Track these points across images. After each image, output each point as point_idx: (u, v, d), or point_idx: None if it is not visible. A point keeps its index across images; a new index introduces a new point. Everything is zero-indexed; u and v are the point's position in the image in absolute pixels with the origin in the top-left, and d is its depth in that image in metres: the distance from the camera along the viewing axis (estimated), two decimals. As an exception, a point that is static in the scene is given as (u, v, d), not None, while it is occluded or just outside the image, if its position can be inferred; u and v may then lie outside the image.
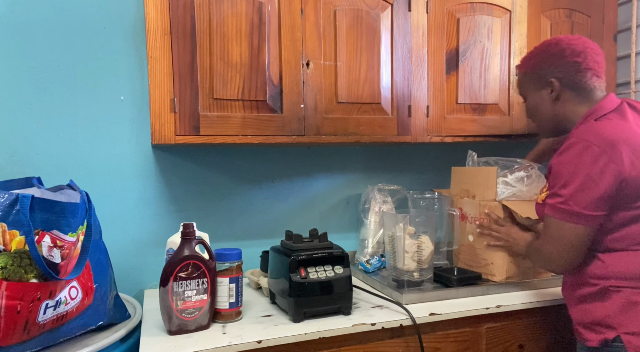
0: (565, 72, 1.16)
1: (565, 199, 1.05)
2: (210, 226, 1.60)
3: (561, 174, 1.06)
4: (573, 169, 1.04)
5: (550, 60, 1.18)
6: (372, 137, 1.48)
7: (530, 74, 1.23)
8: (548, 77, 1.18)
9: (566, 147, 1.07)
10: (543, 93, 1.21)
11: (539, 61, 1.21)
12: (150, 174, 1.53)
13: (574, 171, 1.04)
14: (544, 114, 1.23)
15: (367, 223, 1.66)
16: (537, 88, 1.22)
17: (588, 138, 1.04)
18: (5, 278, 0.91)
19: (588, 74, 1.15)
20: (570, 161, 1.05)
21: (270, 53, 1.36)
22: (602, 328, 1.07)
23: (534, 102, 1.24)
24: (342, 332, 1.14)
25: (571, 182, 1.04)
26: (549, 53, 1.19)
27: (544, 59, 1.19)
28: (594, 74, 1.15)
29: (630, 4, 1.90)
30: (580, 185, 1.03)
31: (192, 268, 1.12)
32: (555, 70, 1.17)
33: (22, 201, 0.95)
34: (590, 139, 1.03)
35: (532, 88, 1.24)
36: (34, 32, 1.40)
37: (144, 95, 1.51)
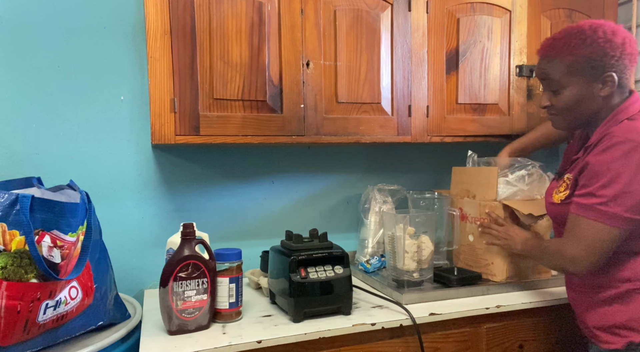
0: (624, 66, 1.05)
1: (606, 200, 0.99)
2: (210, 226, 1.60)
3: (603, 173, 1.00)
4: (619, 169, 0.98)
5: (612, 50, 1.04)
6: (372, 137, 1.48)
7: (581, 63, 1.06)
8: (607, 70, 1.05)
9: (609, 146, 1.00)
10: (593, 86, 1.07)
11: (597, 51, 1.04)
12: (150, 174, 1.53)
13: (619, 172, 0.98)
14: (585, 108, 1.10)
15: (367, 223, 1.66)
16: (587, 80, 1.07)
17: (633, 137, 0.98)
18: (5, 278, 0.91)
19: (633, 68, 1.07)
20: (615, 161, 0.99)
21: (270, 53, 1.36)
22: (626, 331, 1.04)
23: (577, 94, 1.09)
24: (342, 332, 1.14)
25: (615, 182, 0.98)
26: (612, 43, 1.04)
27: (606, 49, 1.04)
28: (635, 67, 1.08)
29: (630, 4, 1.90)
30: (626, 186, 0.97)
31: (192, 268, 1.12)
32: (616, 63, 1.04)
33: (22, 201, 0.95)
34: (635, 139, 0.98)
35: (581, 79, 1.07)
36: (34, 32, 1.40)
37: (144, 95, 1.51)
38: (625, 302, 1.05)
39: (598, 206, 1.01)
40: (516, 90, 1.65)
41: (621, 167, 0.98)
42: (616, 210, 0.99)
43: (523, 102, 1.66)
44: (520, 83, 1.65)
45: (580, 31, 1.07)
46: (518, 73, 1.64)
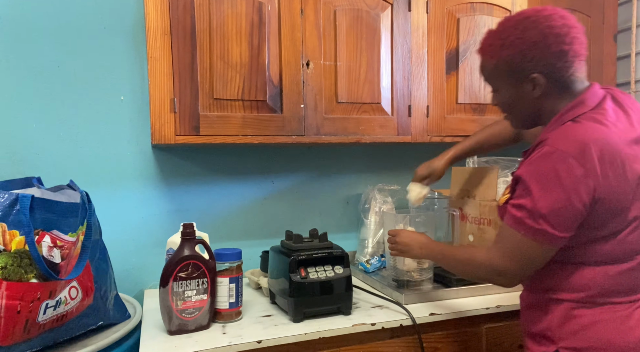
0: (551, 64, 0.94)
1: (534, 216, 0.90)
2: (210, 226, 1.60)
3: (532, 187, 0.90)
4: (546, 183, 0.89)
5: (531, 51, 0.94)
6: (372, 137, 1.48)
7: (503, 67, 0.98)
8: (530, 73, 0.95)
9: (539, 157, 0.91)
10: (523, 88, 0.98)
11: (516, 53, 0.95)
12: (150, 174, 1.53)
13: (546, 186, 0.89)
14: (523, 110, 1.02)
15: (367, 223, 1.66)
16: (513, 83, 0.99)
17: (564, 148, 0.89)
18: (5, 278, 0.91)
19: (575, 63, 0.94)
20: (543, 174, 0.90)
21: (270, 53, 1.36)
22: (543, 339, 1.00)
23: (509, 97, 1.02)
24: (342, 332, 1.14)
25: (543, 198, 0.89)
26: (529, 42, 0.94)
27: (524, 50, 0.94)
28: (580, 60, 0.95)
29: (630, 4, 1.90)
30: (555, 202, 0.88)
31: (192, 268, 1.12)
32: (538, 64, 0.94)
33: (22, 201, 0.95)
34: (566, 150, 0.88)
35: (507, 82, 1.00)
36: (34, 32, 1.40)
37: (144, 95, 1.51)
38: (545, 310, 0.99)
39: (527, 220, 0.91)
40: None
41: (548, 181, 0.89)
42: (545, 227, 0.90)
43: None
44: (520, 83, 1.65)
45: (504, 29, 0.98)
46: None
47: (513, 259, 0.96)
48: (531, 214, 0.91)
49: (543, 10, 0.96)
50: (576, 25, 0.95)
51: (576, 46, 0.94)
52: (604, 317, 0.93)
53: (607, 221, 0.91)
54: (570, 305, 0.96)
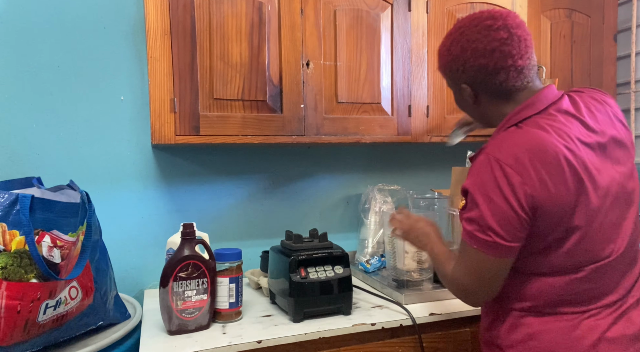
0: (473, 77, 0.97)
1: (483, 228, 0.89)
2: (210, 226, 1.60)
3: (476, 198, 0.89)
4: (488, 193, 0.88)
5: (454, 64, 0.98)
6: (372, 137, 1.48)
7: (444, 74, 1.04)
8: (458, 82, 1.00)
9: (476, 166, 0.92)
10: (463, 95, 1.02)
11: (445, 63, 1.01)
12: (150, 174, 1.53)
13: (489, 196, 0.88)
14: (471, 114, 1.08)
15: (367, 223, 1.66)
16: (455, 89, 1.04)
17: (499, 156, 0.88)
18: (5, 278, 0.91)
19: (501, 75, 0.94)
20: (484, 184, 0.89)
21: (270, 53, 1.36)
22: (493, 347, 1.00)
23: (457, 101, 1.08)
24: (342, 332, 1.14)
25: (488, 208, 0.88)
26: (453, 54, 0.98)
27: (449, 62, 0.99)
28: (509, 71, 0.94)
29: (630, 4, 1.90)
30: (499, 212, 0.87)
31: (192, 268, 1.12)
32: (462, 76, 0.98)
33: (22, 201, 0.95)
34: (501, 158, 0.87)
35: (453, 88, 1.05)
36: (34, 32, 1.40)
37: (144, 95, 1.51)
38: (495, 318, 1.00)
39: (478, 234, 0.89)
40: None
41: (492, 192, 0.88)
42: (495, 239, 0.88)
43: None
44: (520, 83, 1.65)
45: (444, 38, 1.02)
46: None
47: (473, 275, 0.93)
48: (480, 227, 0.89)
49: (475, 20, 0.96)
50: (506, 36, 0.93)
51: (498, 58, 0.93)
52: (550, 327, 0.92)
53: (550, 229, 0.89)
54: (519, 314, 0.95)
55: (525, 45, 0.95)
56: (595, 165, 0.90)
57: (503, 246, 0.88)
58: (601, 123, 0.95)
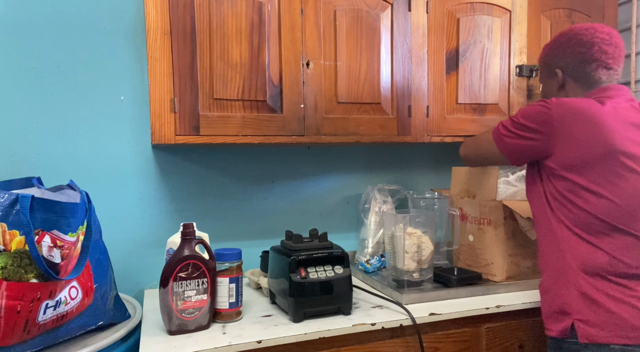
0: (569, 62, 1.18)
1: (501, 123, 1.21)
2: (210, 226, 1.60)
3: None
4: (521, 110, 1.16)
5: (557, 50, 1.21)
6: (372, 137, 1.48)
7: (542, 64, 1.27)
8: (554, 67, 1.22)
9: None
10: (551, 83, 1.24)
11: (548, 51, 1.24)
12: (150, 174, 1.53)
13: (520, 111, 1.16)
14: None
15: (367, 223, 1.66)
16: (547, 77, 1.25)
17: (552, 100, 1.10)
18: (5, 278, 0.91)
19: (593, 65, 1.15)
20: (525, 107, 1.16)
21: (270, 53, 1.36)
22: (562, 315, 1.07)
23: (544, 91, 1.28)
24: (342, 332, 1.14)
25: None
26: (558, 43, 1.21)
27: (553, 49, 1.22)
28: (599, 65, 1.15)
29: (630, 4, 1.90)
30: (515, 116, 1.16)
31: (192, 268, 1.12)
32: (560, 61, 1.20)
33: (22, 201, 0.95)
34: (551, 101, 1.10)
35: (544, 77, 1.27)
36: (34, 32, 1.40)
37: (144, 95, 1.51)
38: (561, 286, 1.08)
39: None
40: (516, 90, 1.65)
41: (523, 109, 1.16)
42: (499, 127, 1.21)
43: (523, 102, 1.66)
44: (520, 83, 1.65)
45: (556, 35, 1.24)
46: (518, 73, 1.64)
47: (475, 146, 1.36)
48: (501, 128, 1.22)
49: (588, 24, 1.18)
50: (607, 38, 1.14)
51: (595, 52, 1.14)
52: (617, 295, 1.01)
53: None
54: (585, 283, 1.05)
55: (619, 54, 1.16)
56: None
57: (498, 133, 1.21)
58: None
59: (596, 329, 1.00)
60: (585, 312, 1.02)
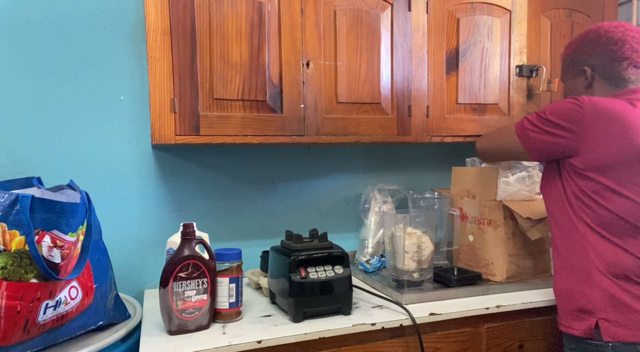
0: (599, 60, 1.15)
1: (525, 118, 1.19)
2: (210, 226, 1.60)
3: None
4: (550, 106, 1.14)
5: (585, 47, 1.18)
6: (372, 137, 1.48)
7: (567, 61, 1.24)
8: (582, 65, 1.18)
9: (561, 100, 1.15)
10: (577, 81, 1.20)
11: (575, 48, 1.21)
12: (150, 174, 1.53)
13: (549, 107, 1.14)
14: None
15: (367, 223, 1.66)
16: (573, 75, 1.22)
17: (584, 99, 1.08)
18: (5, 278, 0.91)
19: (624, 64, 1.13)
20: (554, 104, 1.14)
21: (270, 53, 1.36)
22: (584, 315, 1.07)
23: (569, 89, 1.25)
24: (342, 332, 1.14)
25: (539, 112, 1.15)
26: (586, 40, 1.18)
27: (581, 46, 1.19)
28: (630, 63, 1.13)
29: (630, 4, 1.90)
30: (542, 112, 1.14)
31: (192, 268, 1.12)
32: (589, 58, 1.17)
33: (22, 201, 0.95)
34: (583, 100, 1.07)
35: (569, 75, 1.23)
36: (34, 32, 1.40)
37: (144, 95, 1.51)
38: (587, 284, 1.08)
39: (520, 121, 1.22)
40: (516, 90, 1.65)
41: (552, 105, 1.14)
42: (524, 122, 1.19)
43: (523, 102, 1.66)
44: (520, 83, 1.65)
45: (580, 34, 1.22)
46: (518, 73, 1.64)
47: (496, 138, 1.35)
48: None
49: (616, 23, 1.17)
50: (638, 37, 1.13)
51: (627, 50, 1.12)
52: None
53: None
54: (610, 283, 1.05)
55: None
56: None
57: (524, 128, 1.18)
58: None
59: (622, 328, 1.00)
60: (610, 312, 1.02)
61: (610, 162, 1.03)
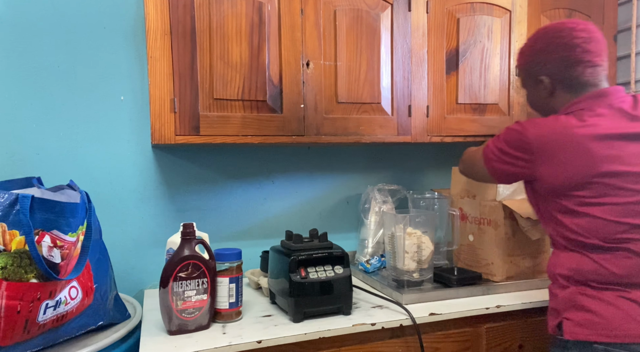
0: (553, 68, 1.12)
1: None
2: (210, 226, 1.60)
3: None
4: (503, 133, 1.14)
5: (537, 57, 1.15)
6: (372, 137, 1.48)
7: (524, 71, 1.21)
8: (538, 75, 1.16)
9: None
10: (538, 89, 1.18)
11: (528, 58, 1.18)
12: (150, 174, 1.54)
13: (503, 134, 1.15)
14: (542, 109, 1.22)
15: (367, 223, 1.66)
16: (533, 85, 1.20)
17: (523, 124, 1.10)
18: (5, 278, 0.91)
19: (579, 68, 1.10)
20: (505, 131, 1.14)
21: (270, 53, 1.36)
22: (556, 314, 1.11)
23: (531, 98, 1.24)
24: (342, 332, 1.14)
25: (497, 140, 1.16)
26: (536, 49, 1.15)
27: (532, 55, 1.16)
28: (585, 66, 1.09)
29: (630, 4, 1.90)
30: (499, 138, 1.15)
31: (192, 268, 1.12)
32: (543, 68, 1.14)
33: (22, 201, 0.95)
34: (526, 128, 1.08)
35: (529, 85, 1.21)
36: (34, 32, 1.40)
37: (144, 95, 1.51)
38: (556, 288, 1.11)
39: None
40: (516, 90, 1.65)
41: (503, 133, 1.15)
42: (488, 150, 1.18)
43: (523, 102, 1.66)
44: (520, 83, 1.65)
45: (526, 41, 1.20)
46: (518, 73, 1.64)
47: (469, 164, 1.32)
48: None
49: (558, 24, 1.13)
50: (587, 37, 1.09)
51: (579, 53, 1.09)
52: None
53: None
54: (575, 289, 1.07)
55: (601, 48, 1.10)
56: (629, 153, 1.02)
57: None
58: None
59: (580, 328, 1.03)
60: (572, 312, 1.05)
61: (566, 186, 1.04)
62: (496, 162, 1.15)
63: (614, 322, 0.99)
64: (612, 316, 1.00)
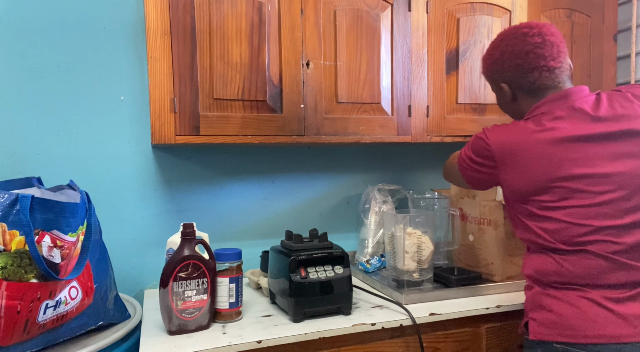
0: (510, 76, 1.13)
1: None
2: (210, 226, 1.60)
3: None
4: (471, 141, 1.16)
5: (495, 66, 1.16)
6: (372, 137, 1.48)
7: (486, 78, 1.23)
8: (499, 82, 1.17)
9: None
10: (502, 95, 1.19)
11: (487, 67, 1.19)
12: (150, 174, 1.54)
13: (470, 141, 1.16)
14: (510, 113, 1.23)
15: (367, 223, 1.66)
16: (496, 91, 1.21)
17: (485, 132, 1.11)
18: (5, 278, 0.91)
19: (535, 74, 1.09)
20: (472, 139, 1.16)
21: (270, 53, 1.36)
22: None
23: (499, 102, 1.25)
24: (342, 332, 1.14)
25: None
26: (493, 58, 1.16)
27: (490, 64, 1.17)
28: (541, 70, 1.09)
29: (630, 4, 1.90)
30: (468, 146, 1.16)
31: (192, 268, 1.12)
32: (502, 76, 1.15)
33: (22, 201, 0.95)
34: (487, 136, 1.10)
35: (494, 90, 1.23)
36: (34, 32, 1.40)
37: (144, 95, 1.51)
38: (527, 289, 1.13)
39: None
40: None
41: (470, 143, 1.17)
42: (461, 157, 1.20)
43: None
44: (520, 83, 1.65)
45: (488, 47, 1.20)
46: None
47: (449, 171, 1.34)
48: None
49: (513, 29, 1.13)
50: (539, 42, 1.08)
51: (532, 59, 1.09)
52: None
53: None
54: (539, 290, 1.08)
55: (558, 50, 1.09)
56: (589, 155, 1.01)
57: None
58: (619, 119, 1.02)
59: (543, 327, 1.03)
60: (536, 312, 1.06)
61: (528, 191, 1.04)
62: (466, 170, 1.18)
63: (574, 322, 0.99)
64: (572, 316, 1.00)
